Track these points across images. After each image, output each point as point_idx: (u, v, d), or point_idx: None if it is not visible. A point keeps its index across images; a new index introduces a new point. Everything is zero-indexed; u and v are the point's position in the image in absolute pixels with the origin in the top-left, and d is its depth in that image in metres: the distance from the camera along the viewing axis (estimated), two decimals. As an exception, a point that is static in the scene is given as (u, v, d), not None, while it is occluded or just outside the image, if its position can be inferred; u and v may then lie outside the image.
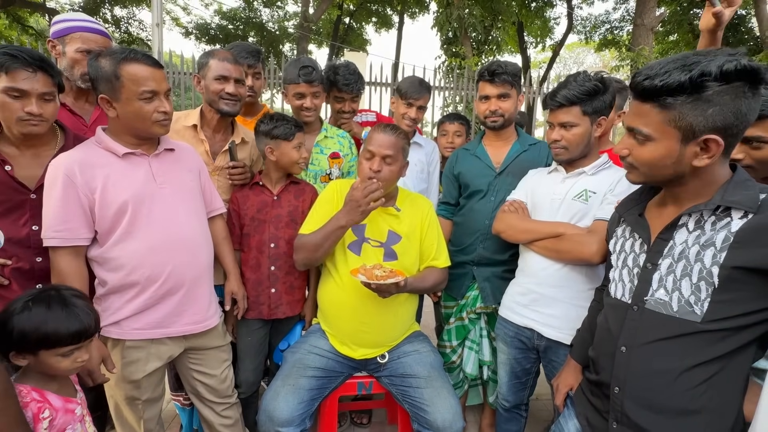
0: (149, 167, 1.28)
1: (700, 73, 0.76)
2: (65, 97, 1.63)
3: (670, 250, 0.90)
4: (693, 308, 0.84)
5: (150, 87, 1.18)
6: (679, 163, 0.85)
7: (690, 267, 0.86)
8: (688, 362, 0.85)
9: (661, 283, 0.90)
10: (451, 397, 1.42)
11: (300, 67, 1.73)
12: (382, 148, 1.45)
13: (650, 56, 7.69)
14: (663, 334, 0.88)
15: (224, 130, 1.69)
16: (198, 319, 1.36)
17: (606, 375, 0.99)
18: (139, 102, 1.18)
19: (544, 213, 1.45)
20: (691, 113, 0.79)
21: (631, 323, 0.94)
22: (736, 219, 0.82)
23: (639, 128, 0.86)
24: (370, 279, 1.29)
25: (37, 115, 1.16)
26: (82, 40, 1.56)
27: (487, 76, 1.67)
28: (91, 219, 1.20)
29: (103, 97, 1.20)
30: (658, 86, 0.80)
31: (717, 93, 0.77)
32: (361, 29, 17.31)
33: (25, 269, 1.25)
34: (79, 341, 1.00)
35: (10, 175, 1.20)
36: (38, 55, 1.16)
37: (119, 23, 13.70)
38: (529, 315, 1.45)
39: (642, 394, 0.92)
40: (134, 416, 1.34)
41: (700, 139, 0.80)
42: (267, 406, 1.36)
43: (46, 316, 0.96)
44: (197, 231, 1.36)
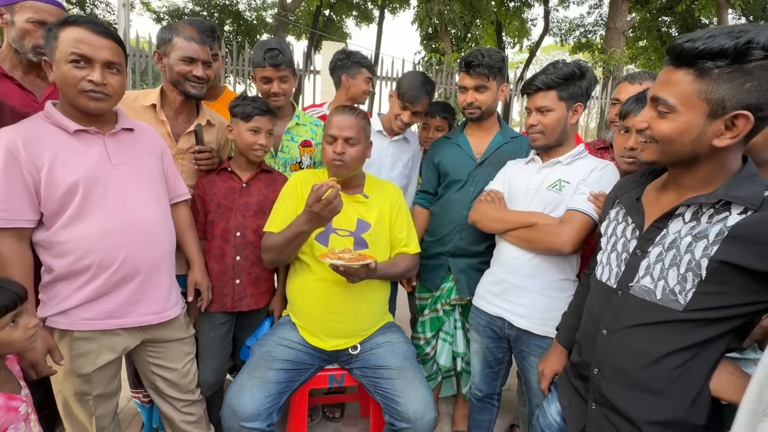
0: (104, 147, 1.18)
1: (747, 41, 0.72)
2: (14, 70, 1.50)
3: (662, 238, 0.89)
4: (677, 297, 0.85)
5: (80, 50, 1.08)
6: (699, 140, 0.81)
7: (679, 257, 0.85)
8: (665, 348, 0.86)
9: (648, 270, 0.90)
10: (423, 387, 1.40)
11: (266, 50, 1.64)
12: (343, 130, 1.42)
13: (621, 59, 7.97)
14: (644, 319, 0.89)
15: (188, 111, 1.58)
16: (156, 309, 1.27)
17: (587, 356, 1.00)
18: (67, 65, 1.08)
19: (520, 203, 1.45)
20: (726, 85, 0.76)
21: (614, 307, 0.95)
22: (734, 214, 0.80)
23: (665, 97, 0.82)
24: (339, 262, 1.24)
25: None
26: (33, 10, 1.44)
27: (464, 66, 1.64)
28: (36, 199, 1.09)
29: (45, 60, 1.12)
30: (699, 48, 0.76)
31: (759, 66, 0.73)
32: (341, 22, 17.10)
33: None
34: (15, 306, 0.94)
35: None
36: None
37: (84, 4, 12.94)
38: (500, 304, 1.45)
39: (619, 376, 0.93)
40: (85, 413, 1.25)
41: (729, 115, 0.77)
42: (231, 401, 1.30)
43: None
44: (156, 216, 1.27)
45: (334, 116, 1.46)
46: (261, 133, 1.51)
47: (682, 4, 9.34)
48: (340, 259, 1.24)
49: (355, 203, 1.52)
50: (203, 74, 1.49)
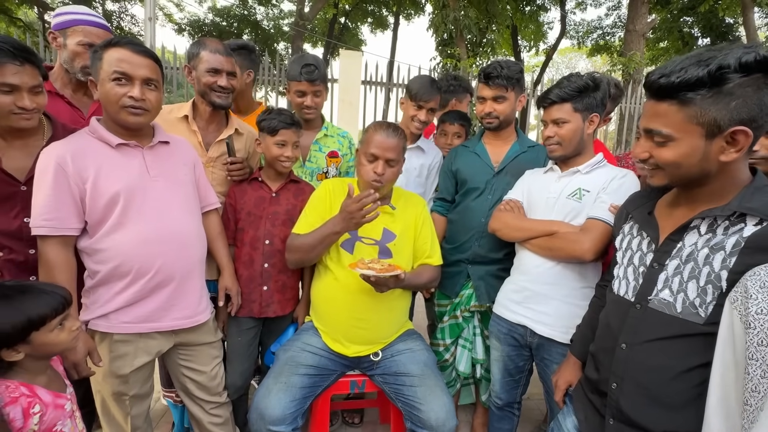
0: (143, 159, 1.26)
1: (719, 66, 0.75)
2: (64, 88, 1.62)
3: (679, 251, 0.89)
4: (697, 310, 0.84)
5: (121, 68, 1.15)
6: (705, 159, 0.82)
7: (698, 270, 0.85)
8: (687, 362, 0.85)
9: (667, 283, 0.90)
10: (444, 395, 1.42)
11: (303, 65, 1.70)
12: (386, 151, 1.43)
13: (641, 62, 7.82)
14: (664, 333, 0.88)
15: (218, 121, 1.67)
16: (188, 314, 1.33)
17: (605, 371, 0.99)
18: (110, 83, 1.16)
19: (539, 212, 1.46)
20: (713, 107, 0.77)
21: (633, 321, 0.94)
22: (750, 225, 0.81)
23: (658, 129, 0.84)
24: (370, 272, 1.27)
25: (31, 109, 1.14)
26: (83, 34, 1.55)
27: (483, 78, 1.68)
28: (81, 209, 1.17)
29: (90, 80, 1.20)
30: (676, 82, 0.79)
31: (738, 85, 0.75)
32: (356, 29, 17.31)
33: (19, 261, 1.24)
34: (63, 310, 1.00)
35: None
36: (22, 46, 1.13)
37: (111, 17, 13.50)
38: (522, 312, 1.46)
39: (639, 391, 0.92)
40: (121, 412, 1.31)
41: (727, 132, 0.78)
42: (258, 404, 1.35)
43: (15, 305, 0.94)
44: (190, 225, 1.34)
45: (377, 134, 1.45)
46: (287, 145, 1.56)
47: (704, 5, 9.11)
48: (371, 270, 1.27)
49: (382, 213, 1.54)
50: (227, 84, 1.56)
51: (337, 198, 1.52)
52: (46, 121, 1.30)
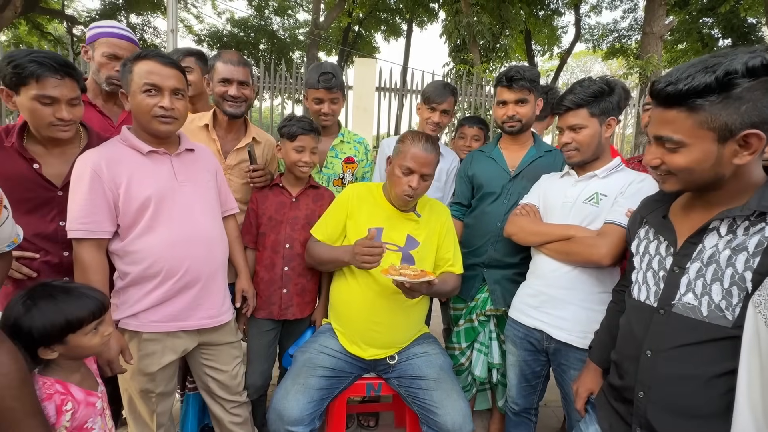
0: (171, 165, 1.32)
1: (726, 72, 0.75)
2: (95, 98, 1.71)
3: (699, 253, 0.88)
4: (724, 313, 0.83)
5: (151, 80, 1.21)
6: (719, 164, 0.82)
7: (721, 271, 0.84)
8: (717, 368, 0.83)
9: (690, 287, 0.89)
10: (460, 399, 1.42)
11: (321, 73, 1.75)
12: (423, 166, 1.42)
13: (659, 64, 7.68)
14: (691, 338, 0.87)
15: (236, 130, 1.73)
16: (212, 313, 1.38)
17: (630, 379, 0.97)
18: (141, 95, 1.22)
19: (556, 216, 1.46)
20: (723, 112, 0.77)
21: (657, 327, 0.93)
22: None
23: (669, 136, 0.84)
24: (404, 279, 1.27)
25: (68, 120, 1.21)
26: (107, 45, 1.64)
27: (505, 81, 1.68)
28: (114, 213, 1.23)
29: (122, 92, 1.27)
30: (684, 90, 0.79)
31: (747, 89, 0.76)
32: (369, 37, 17.50)
33: (54, 263, 1.30)
34: (100, 315, 1.04)
35: (39, 173, 1.25)
36: (63, 60, 1.20)
37: (134, 30, 14.04)
38: (538, 317, 1.46)
39: (667, 399, 0.90)
40: (147, 410, 1.36)
41: (739, 136, 0.78)
42: (277, 405, 1.38)
43: (59, 306, 0.98)
44: (214, 228, 1.40)
45: (414, 147, 1.43)
46: (305, 151, 1.60)
47: (725, 5, 8.90)
48: (403, 276, 1.28)
49: (407, 220, 1.56)
50: (238, 93, 1.61)
51: (358, 204, 1.55)
52: (82, 129, 1.38)
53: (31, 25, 12.92)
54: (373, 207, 1.57)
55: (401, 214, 1.56)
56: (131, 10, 13.57)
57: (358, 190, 1.61)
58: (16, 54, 1.15)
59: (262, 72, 5.85)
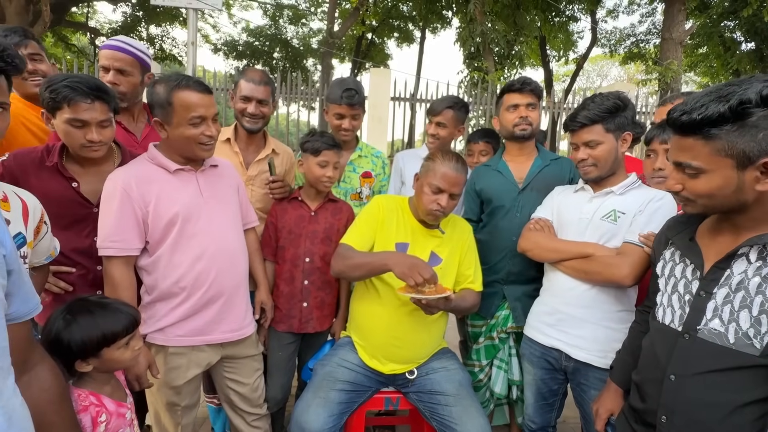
0: (197, 182, 1.36)
1: (739, 102, 0.76)
2: (119, 116, 1.76)
3: (727, 279, 0.87)
4: (752, 341, 0.82)
5: (199, 113, 1.26)
6: (740, 190, 0.82)
7: (750, 299, 0.83)
8: (744, 397, 0.83)
9: (716, 312, 0.88)
10: (480, 416, 1.42)
11: (344, 89, 1.78)
12: (452, 186, 1.43)
13: (679, 70, 7.54)
14: (717, 365, 0.86)
15: (256, 143, 1.80)
16: (235, 327, 1.42)
17: (653, 402, 0.97)
18: (188, 126, 1.26)
19: (571, 232, 1.44)
20: (740, 140, 0.78)
21: (682, 351, 0.92)
22: None
23: (688, 162, 0.85)
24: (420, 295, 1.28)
25: (98, 142, 1.25)
26: (103, 58, 1.63)
27: (516, 85, 1.72)
28: (143, 230, 1.28)
29: (156, 120, 1.29)
30: (698, 120, 0.80)
31: (763, 117, 0.76)
32: (383, 44, 17.65)
33: (88, 277, 1.35)
34: (132, 329, 1.09)
35: (77, 191, 1.30)
36: (95, 85, 1.24)
37: (153, 41, 14.47)
38: (555, 335, 1.44)
39: (691, 426, 0.89)
40: (173, 422, 1.40)
41: (759, 163, 0.78)
42: (299, 418, 1.39)
43: (96, 321, 1.03)
44: (237, 242, 1.44)
45: (445, 167, 1.43)
46: (329, 166, 1.63)
47: (747, 9, 8.69)
48: (421, 293, 1.29)
49: (431, 237, 1.57)
50: (256, 111, 1.69)
51: (388, 216, 1.56)
52: (116, 148, 1.43)
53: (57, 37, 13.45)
54: (400, 221, 1.58)
55: (426, 231, 1.57)
56: (151, 21, 14.00)
57: (387, 203, 1.61)
58: (54, 79, 1.21)
59: (279, 81, 5.97)
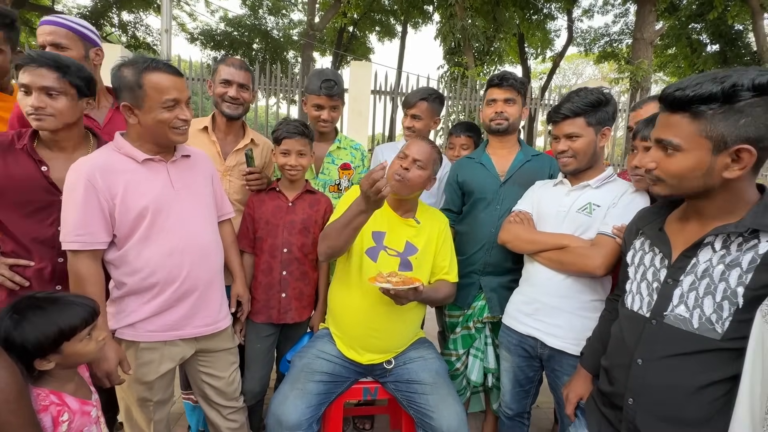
0: (167, 173, 1.31)
1: (732, 84, 0.79)
2: None
3: (693, 267, 0.91)
4: (714, 326, 0.86)
5: (172, 96, 1.21)
6: (709, 174, 0.85)
7: (714, 286, 0.87)
8: (705, 378, 0.86)
9: (682, 299, 0.91)
10: (456, 404, 1.44)
11: (323, 80, 1.76)
12: (416, 153, 1.49)
13: (649, 69, 7.81)
14: (681, 349, 0.90)
15: (235, 132, 1.76)
16: (209, 321, 1.38)
17: (620, 386, 1.00)
18: (160, 110, 1.20)
19: (550, 224, 1.48)
20: (722, 123, 0.81)
21: (649, 337, 0.95)
22: (764, 242, 0.83)
23: (669, 139, 0.87)
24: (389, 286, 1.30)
25: (38, 108, 1.17)
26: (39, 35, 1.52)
27: (496, 80, 1.76)
28: (110, 223, 1.22)
29: (125, 105, 1.22)
30: (690, 95, 0.82)
31: (749, 104, 0.79)
32: (364, 38, 17.50)
33: (47, 270, 1.28)
34: (92, 320, 1.04)
35: (46, 176, 1.24)
36: (51, 55, 1.19)
37: (126, 28, 13.85)
38: (532, 324, 1.48)
39: (656, 407, 0.93)
40: (145, 418, 1.36)
41: (732, 149, 0.81)
42: (276, 410, 1.38)
43: (50, 316, 0.98)
44: (211, 235, 1.40)
45: (414, 141, 1.55)
46: (291, 154, 1.61)
47: (713, 12, 9.09)
48: (389, 283, 1.30)
49: (407, 227, 1.58)
50: (237, 95, 1.66)
51: None
52: (92, 137, 1.36)
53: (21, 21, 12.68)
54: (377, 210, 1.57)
55: (401, 220, 1.57)
56: (123, 7, 13.37)
57: None
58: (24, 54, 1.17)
59: (258, 72, 5.83)
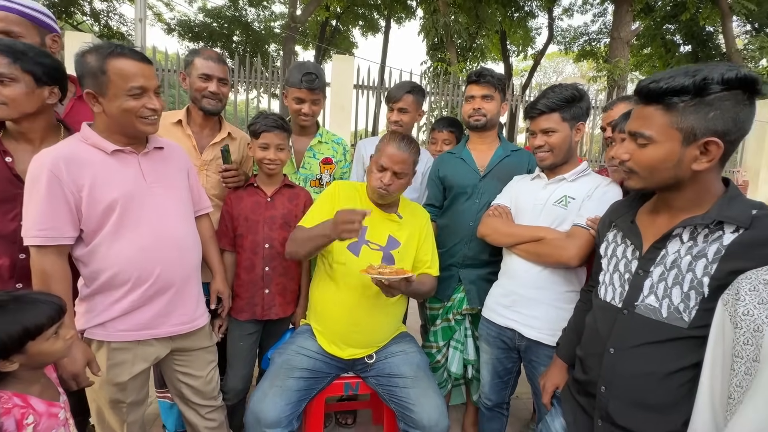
0: (139, 166, 1.25)
1: (703, 78, 0.82)
2: None
3: (663, 258, 0.94)
4: (681, 315, 0.89)
5: (139, 83, 1.15)
6: (679, 166, 0.88)
7: (681, 276, 0.90)
8: (673, 365, 0.90)
9: (653, 289, 0.94)
10: (436, 396, 1.45)
11: (304, 73, 1.72)
12: (395, 164, 1.45)
13: (626, 68, 8.03)
14: (651, 338, 0.93)
15: (211, 126, 1.71)
16: (185, 319, 1.34)
17: (593, 374, 1.03)
18: (126, 98, 1.15)
19: (527, 217, 1.51)
20: (692, 116, 0.84)
21: (621, 326, 0.98)
22: (728, 233, 0.86)
23: (642, 131, 0.90)
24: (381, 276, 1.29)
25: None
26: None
27: (473, 77, 1.78)
28: (76, 217, 1.16)
29: (88, 92, 1.15)
30: (663, 87, 0.85)
31: (718, 98, 0.82)
32: (347, 32, 17.35)
33: (6, 266, 1.22)
34: (59, 318, 1.00)
35: (9, 167, 1.18)
36: (5, 41, 1.14)
37: (98, 17, 13.29)
38: (510, 316, 1.51)
39: (627, 394, 0.96)
40: (118, 420, 1.31)
41: (701, 141, 0.84)
42: (254, 408, 1.36)
43: (13, 315, 0.94)
44: (187, 231, 1.36)
45: (389, 146, 1.48)
46: (270, 148, 1.58)
47: (686, 14, 9.40)
48: (381, 275, 1.30)
49: (389, 221, 1.58)
50: (217, 90, 1.61)
51: (346, 201, 1.56)
52: (63, 130, 1.30)
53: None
54: (357, 205, 1.57)
55: (384, 215, 1.57)
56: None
57: (345, 187, 1.61)
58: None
59: (237, 65, 5.70)
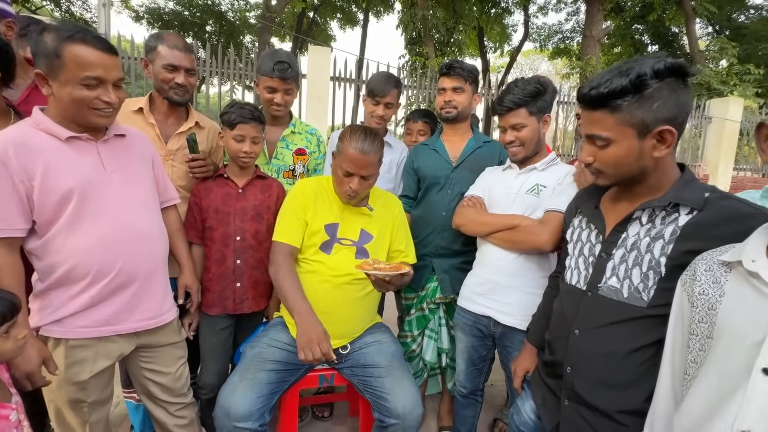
0: (97, 154, 1.18)
1: (637, 75, 0.85)
2: None
3: (624, 241, 0.98)
4: (641, 294, 0.93)
5: (96, 73, 1.07)
6: (641, 157, 0.91)
7: (641, 257, 0.94)
8: (634, 344, 0.93)
9: (614, 271, 0.98)
10: (410, 384, 1.46)
11: (276, 61, 1.67)
12: (361, 168, 1.40)
13: (597, 66, 8.27)
14: (613, 318, 0.96)
15: (177, 114, 1.63)
16: (151, 315, 1.29)
17: (560, 356, 1.06)
18: (78, 86, 1.06)
19: (501, 207, 1.53)
20: (639, 111, 0.87)
21: (585, 308, 1.02)
22: (683, 215, 0.90)
23: (598, 134, 0.93)
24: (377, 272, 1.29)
25: None
26: None
27: (444, 69, 1.78)
28: (28, 208, 1.08)
29: (38, 73, 1.07)
30: (605, 93, 0.88)
31: (656, 89, 0.86)
32: (325, 24, 17.10)
33: None
34: (11, 317, 0.94)
35: None
36: None
37: (59, 2, 12.55)
38: (486, 303, 1.53)
39: (591, 373, 0.99)
40: (78, 420, 1.24)
41: (655, 131, 0.88)
42: (223, 402, 1.33)
43: None
44: (152, 222, 1.29)
45: (352, 148, 1.38)
46: (245, 140, 1.53)
47: (653, 14, 9.77)
48: (377, 270, 1.30)
49: (360, 215, 1.56)
50: (185, 82, 1.54)
51: (313, 200, 1.52)
52: (13, 114, 1.21)
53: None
54: (325, 202, 1.55)
55: (354, 209, 1.55)
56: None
57: (309, 186, 1.57)
58: None
59: (209, 55, 5.50)
